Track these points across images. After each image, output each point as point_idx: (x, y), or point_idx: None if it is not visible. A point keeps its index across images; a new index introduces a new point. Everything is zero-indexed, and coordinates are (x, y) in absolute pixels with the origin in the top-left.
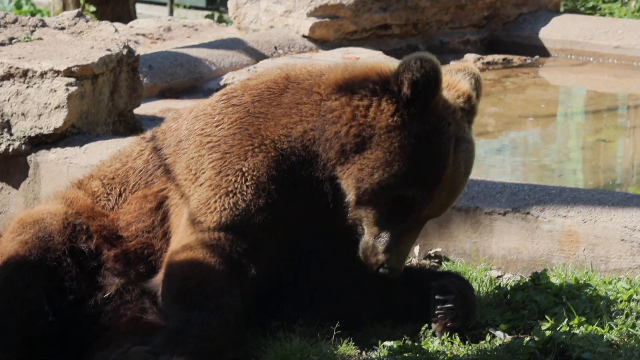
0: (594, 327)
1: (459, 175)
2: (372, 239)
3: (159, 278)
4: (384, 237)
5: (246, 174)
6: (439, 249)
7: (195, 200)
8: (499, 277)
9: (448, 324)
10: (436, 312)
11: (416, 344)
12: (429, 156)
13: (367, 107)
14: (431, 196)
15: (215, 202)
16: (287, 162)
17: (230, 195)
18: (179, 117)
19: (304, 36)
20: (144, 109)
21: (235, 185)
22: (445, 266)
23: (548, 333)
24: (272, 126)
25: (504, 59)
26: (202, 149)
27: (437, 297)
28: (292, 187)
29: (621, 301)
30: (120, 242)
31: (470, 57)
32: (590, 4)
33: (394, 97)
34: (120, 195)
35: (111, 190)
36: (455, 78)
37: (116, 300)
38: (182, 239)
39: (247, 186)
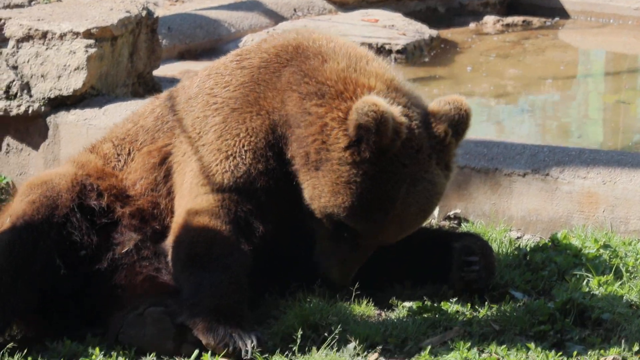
0: (614, 287)
1: (409, 214)
2: (317, 254)
3: (168, 243)
4: (328, 255)
5: (243, 139)
6: (458, 210)
7: (198, 164)
8: (518, 238)
9: (473, 286)
10: (462, 274)
11: (435, 304)
12: (375, 196)
13: (332, 129)
14: (375, 230)
15: (217, 165)
16: (276, 133)
17: (231, 158)
18: (194, 75)
19: None
20: (163, 70)
21: (235, 149)
22: (464, 227)
23: (567, 294)
24: (270, 97)
25: (523, 21)
26: (207, 109)
27: (463, 258)
28: (284, 157)
29: None
30: (129, 200)
31: (489, 19)
32: None
33: (347, 132)
34: (129, 154)
35: (121, 150)
36: (441, 110)
37: (133, 256)
38: (187, 203)
39: (245, 150)
